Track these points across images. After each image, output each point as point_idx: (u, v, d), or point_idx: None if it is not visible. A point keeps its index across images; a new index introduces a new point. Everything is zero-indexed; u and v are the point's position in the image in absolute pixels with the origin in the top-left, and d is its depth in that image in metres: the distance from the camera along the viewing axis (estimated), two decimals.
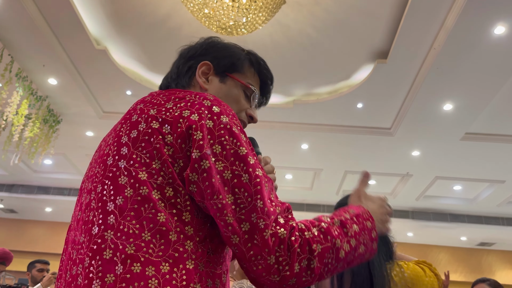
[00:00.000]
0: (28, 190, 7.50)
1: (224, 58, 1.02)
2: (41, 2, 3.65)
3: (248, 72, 1.03)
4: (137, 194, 0.75)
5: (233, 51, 1.04)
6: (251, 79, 1.04)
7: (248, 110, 1.03)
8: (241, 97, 1.01)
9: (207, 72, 1.01)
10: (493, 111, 4.70)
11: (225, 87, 1.00)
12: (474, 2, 3.23)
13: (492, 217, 7.44)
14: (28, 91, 4.55)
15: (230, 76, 1.01)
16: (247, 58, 1.04)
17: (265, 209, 0.75)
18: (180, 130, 0.77)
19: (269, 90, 1.10)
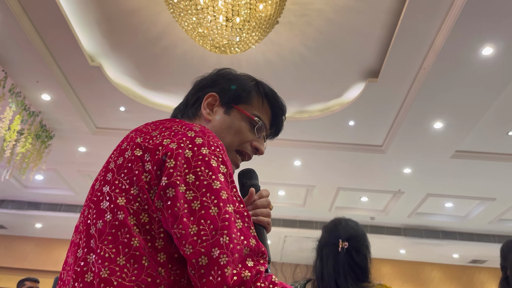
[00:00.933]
0: (18, 206, 7.41)
1: (230, 90, 1.01)
2: (37, 18, 3.68)
3: (256, 103, 1.02)
4: (115, 219, 0.76)
5: (240, 83, 1.03)
6: (259, 110, 1.03)
7: (254, 142, 1.01)
8: (246, 129, 1.00)
9: (213, 103, 1.01)
10: (483, 129, 4.77)
11: (228, 118, 0.99)
12: (463, 24, 3.32)
13: (483, 234, 7.47)
14: (21, 107, 4.55)
15: (236, 108, 1.00)
16: (255, 89, 1.03)
17: (230, 245, 0.70)
18: (157, 157, 0.78)
19: (280, 120, 1.08)
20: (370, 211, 7.09)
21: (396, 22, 3.57)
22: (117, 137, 5.37)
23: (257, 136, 1.02)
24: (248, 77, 1.07)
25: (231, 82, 1.03)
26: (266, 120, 1.04)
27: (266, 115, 1.04)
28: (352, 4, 3.48)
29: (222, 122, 0.98)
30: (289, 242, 7.99)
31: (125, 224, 0.75)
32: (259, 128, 1.01)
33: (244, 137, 0.99)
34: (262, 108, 1.03)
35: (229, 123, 0.99)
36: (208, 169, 0.77)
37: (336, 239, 1.69)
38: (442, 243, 7.54)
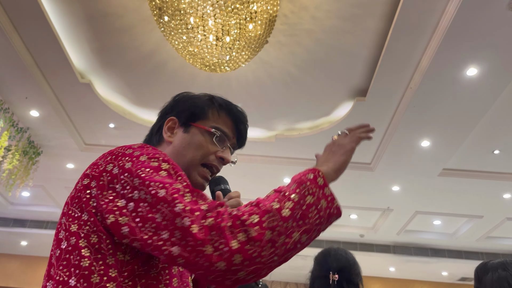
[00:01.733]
0: (4, 223, 7.28)
1: (186, 110, 1.08)
2: (27, 35, 3.69)
3: (212, 116, 1.07)
4: (68, 245, 0.82)
5: (194, 101, 1.09)
6: (217, 122, 1.07)
7: (218, 153, 1.06)
8: (206, 142, 1.04)
9: (173, 126, 1.08)
10: (469, 147, 4.84)
11: (188, 136, 1.04)
12: (447, 45, 3.40)
13: (472, 252, 7.50)
14: (9, 123, 4.52)
15: (193, 125, 1.05)
16: (208, 104, 1.08)
17: (186, 208, 0.76)
18: (102, 183, 0.84)
19: (241, 128, 1.12)
20: (360, 229, 7.09)
21: (383, 43, 3.65)
22: None
23: (220, 146, 1.06)
24: (203, 94, 1.12)
25: (186, 103, 1.09)
26: (227, 130, 1.08)
27: (225, 125, 1.08)
28: (340, 25, 3.55)
29: (182, 141, 1.04)
30: None
31: (77, 247, 0.81)
32: (218, 138, 1.05)
33: (206, 150, 1.04)
34: (220, 119, 1.08)
35: (188, 140, 1.04)
36: (149, 168, 0.83)
37: (327, 271, 1.70)
38: (431, 261, 7.56)
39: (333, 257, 1.76)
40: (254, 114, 4.74)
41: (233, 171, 5.48)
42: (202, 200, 0.82)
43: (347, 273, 1.70)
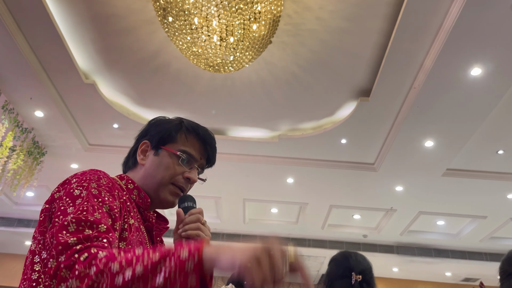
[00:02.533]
0: (8, 223, 7.31)
1: (156, 134, 1.16)
2: (32, 36, 3.71)
3: (180, 140, 1.15)
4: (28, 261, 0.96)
5: (164, 126, 1.17)
6: (185, 145, 1.15)
7: (185, 173, 1.13)
8: (174, 164, 1.13)
9: (146, 149, 1.17)
10: (473, 147, 4.83)
11: (157, 159, 1.14)
12: (451, 45, 3.40)
13: (475, 252, 7.48)
14: (14, 123, 4.54)
15: (163, 148, 1.14)
16: (176, 128, 1.16)
17: (59, 242, 0.84)
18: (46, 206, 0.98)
19: (208, 149, 1.18)
20: (363, 229, 7.09)
21: (387, 43, 3.65)
22: (110, 154, 5.36)
23: (187, 167, 1.14)
24: (174, 119, 1.21)
25: (157, 128, 1.18)
26: (194, 152, 1.16)
27: (193, 147, 1.16)
28: (344, 25, 3.55)
29: (152, 163, 1.14)
30: None
31: (32, 262, 0.94)
32: (184, 161, 1.13)
33: (173, 171, 1.12)
34: (188, 142, 1.15)
35: (158, 162, 1.13)
36: (68, 197, 0.93)
37: (349, 272, 1.74)
38: (435, 261, 7.54)
39: (354, 259, 1.79)
40: (257, 114, 4.75)
41: (237, 171, 5.52)
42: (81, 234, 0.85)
43: (368, 275, 1.75)
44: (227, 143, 5.09)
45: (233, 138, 5.06)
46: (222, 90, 4.41)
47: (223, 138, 5.04)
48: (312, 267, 8.22)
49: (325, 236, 7.36)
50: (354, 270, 1.74)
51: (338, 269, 1.79)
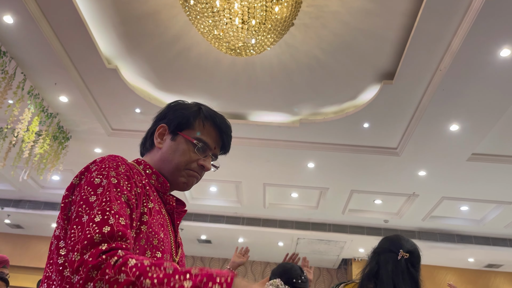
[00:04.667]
0: (35, 206, 7.53)
1: (175, 119, 1.18)
2: (55, 21, 3.75)
3: (197, 127, 1.17)
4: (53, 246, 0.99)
5: (183, 112, 1.18)
6: (201, 132, 1.17)
7: (200, 161, 1.16)
8: (190, 150, 1.15)
9: (164, 133, 1.18)
10: (500, 132, 4.71)
11: (174, 144, 1.16)
12: (480, 26, 3.29)
13: (499, 239, 7.35)
14: (39, 109, 4.63)
15: (180, 134, 1.16)
16: (194, 115, 1.18)
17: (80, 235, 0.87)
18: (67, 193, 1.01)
19: (223, 138, 1.20)
20: (384, 214, 7.04)
21: (412, 24, 3.56)
22: (132, 139, 5.43)
23: (201, 155, 1.16)
24: (193, 104, 1.22)
25: (176, 113, 1.19)
26: (210, 140, 1.17)
27: (209, 135, 1.17)
28: (368, 6, 3.47)
29: (169, 148, 1.16)
30: (301, 244, 7.97)
31: (57, 247, 0.97)
32: (199, 149, 1.15)
33: (189, 157, 1.14)
34: (204, 130, 1.17)
35: (174, 148, 1.15)
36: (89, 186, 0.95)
37: (397, 249, 1.79)
38: (457, 247, 7.45)
39: (405, 240, 1.85)
40: (278, 98, 4.72)
41: (258, 156, 5.52)
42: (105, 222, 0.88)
43: (416, 258, 1.80)
44: (247, 127, 5.09)
45: (254, 122, 5.06)
46: (243, 74, 4.39)
47: (244, 122, 5.03)
48: (332, 251, 8.24)
49: (345, 221, 7.34)
50: (402, 248, 1.79)
51: (388, 244, 1.84)
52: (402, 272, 1.72)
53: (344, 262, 8.87)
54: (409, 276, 1.72)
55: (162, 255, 1.01)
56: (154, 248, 0.99)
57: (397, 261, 1.75)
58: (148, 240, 0.98)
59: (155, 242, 1.00)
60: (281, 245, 8.16)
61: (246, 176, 6.11)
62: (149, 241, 0.98)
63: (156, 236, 1.01)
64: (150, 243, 0.99)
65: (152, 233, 1.00)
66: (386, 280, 1.70)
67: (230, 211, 7.36)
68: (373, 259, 1.82)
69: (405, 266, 1.74)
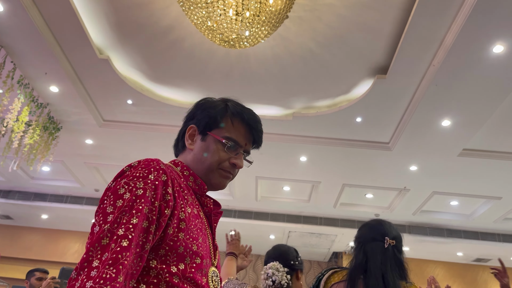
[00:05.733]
0: (25, 197, 7.47)
1: (203, 119, 1.17)
2: (46, 10, 3.69)
3: (226, 125, 1.16)
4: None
5: (210, 111, 1.18)
6: (230, 130, 1.16)
7: (231, 159, 1.15)
8: (220, 150, 1.14)
9: (194, 133, 1.18)
10: (491, 128, 4.74)
11: (204, 144, 1.15)
12: (474, 21, 3.29)
13: (488, 233, 7.44)
14: (29, 98, 4.57)
15: (209, 134, 1.16)
16: (221, 114, 1.17)
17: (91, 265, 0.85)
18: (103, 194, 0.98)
19: (254, 132, 1.19)
20: (375, 208, 7.08)
21: (407, 19, 3.55)
22: (124, 130, 5.38)
23: (232, 153, 1.15)
24: (220, 102, 1.20)
25: (204, 112, 1.18)
26: (240, 137, 1.17)
27: (239, 132, 1.17)
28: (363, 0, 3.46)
29: (199, 149, 1.15)
30: (293, 237, 8.01)
31: None
32: (229, 148, 1.15)
33: (220, 157, 1.14)
34: (233, 127, 1.16)
35: (205, 148, 1.15)
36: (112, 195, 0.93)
37: (382, 236, 1.76)
38: (447, 241, 7.53)
39: (388, 225, 1.82)
40: (271, 91, 4.70)
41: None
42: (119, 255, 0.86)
43: (400, 243, 1.78)
44: None
45: None
46: (236, 67, 4.36)
47: None
48: (323, 245, 8.28)
49: (337, 214, 7.37)
50: (387, 235, 1.76)
51: (371, 232, 1.81)
52: (390, 260, 1.71)
53: (334, 255, 8.93)
54: (396, 261, 1.72)
55: (201, 261, 0.99)
56: (194, 254, 0.98)
57: (384, 249, 1.73)
58: (187, 247, 0.97)
59: (194, 248, 0.98)
60: (273, 238, 8.18)
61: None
62: (188, 247, 0.97)
63: (195, 242, 0.99)
64: (190, 249, 0.97)
65: (190, 239, 0.98)
66: (374, 271, 1.68)
67: (222, 204, 7.31)
68: (359, 250, 1.78)
69: (392, 253, 1.73)
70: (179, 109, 4.93)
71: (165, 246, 0.94)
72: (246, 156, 1.20)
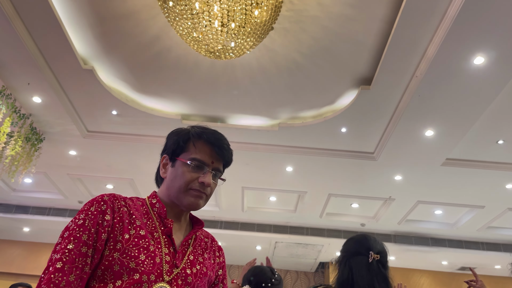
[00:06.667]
0: (6, 209, 7.30)
1: (170, 147, 1.27)
2: (29, 20, 3.65)
3: (191, 148, 1.24)
4: None
5: (176, 138, 1.27)
6: (195, 152, 1.24)
7: (200, 178, 1.22)
8: (187, 171, 1.22)
9: (167, 163, 1.28)
10: (473, 137, 4.82)
11: (174, 170, 1.24)
12: (455, 33, 3.36)
13: (472, 242, 7.53)
14: (11, 109, 4.50)
15: (177, 159, 1.25)
16: (184, 138, 1.26)
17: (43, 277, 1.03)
18: None
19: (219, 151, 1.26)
20: (361, 218, 7.11)
21: (390, 31, 3.61)
22: (108, 141, 5.33)
23: (200, 173, 1.22)
24: (184, 129, 1.30)
25: (171, 141, 1.28)
26: (206, 156, 1.24)
27: (204, 152, 1.24)
28: (347, 12, 3.51)
29: (170, 175, 1.25)
30: (279, 247, 7.98)
31: None
32: (195, 167, 1.22)
33: (188, 178, 1.21)
34: (197, 148, 1.24)
35: (174, 173, 1.23)
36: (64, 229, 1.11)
37: (366, 251, 1.78)
38: (432, 250, 7.59)
39: (372, 240, 1.83)
40: (257, 102, 4.71)
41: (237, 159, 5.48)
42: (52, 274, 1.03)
43: (385, 258, 1.79)
44: (226, 131, 5.06)
45: (233, 126, 5.04)
46: (222, 77, 4.37)
47: (222, 126, 5.01)
48: (310, 255, 8.27)
49: (323, 224, 7.38)
50: (372, 249, 1.77)
51: (356, 246, 1.82)
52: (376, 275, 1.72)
53: (321, 265, 8.92)
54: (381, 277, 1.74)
55: (140, 277, 1.07)
56: (131, 271, 1.07)
57: (369, 264, 1.74)
58: (123, 265, 1.07)
59: (132, 265, 1.07)
60: (259, 249, 8.14)
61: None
62: (124, 265, 1.07)
63: (134, 259, 1.08)
64: (126, 267, 1.07)
65: (127, 257, 1.08)
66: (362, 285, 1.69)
67: (208, 215, 7.31)
68: (344, 265, 1.79)
69: (377, 267, 1.74)
70: (164, 120, 4.91)
71: (101, 266, 1.07)
72: (219, 175, 1.28)
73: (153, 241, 1.14)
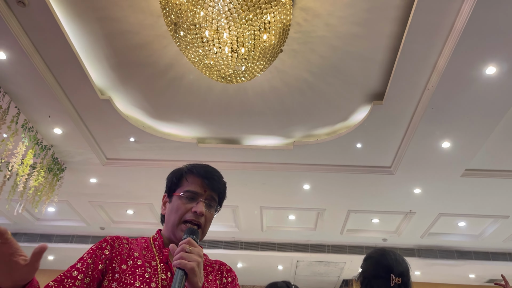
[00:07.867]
0: (31, 239, 7.45)
1: (167, 185, 1.38)
2: (48, 55, 3.80)
3: (184, 182, 1.33)
4: None
5: (171, 177, 1.38)
6: (188, 186, 1.32)
7: (193, 208, 1.29)
8: (181, 204, 1.30)
9: (166, 201, 1.38)
10: (493, 147, 4.76)
11: (170, 205, 1.34)
12: (464, 45, 3.37)
13: (499, 253, 7.33)
14: (34, 141, 4.65)
15: (173, 195, 1.34)
16: (178, 175, 1.36)
17: None
18: None
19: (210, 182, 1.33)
20: (382, 233, 7.02)
21: (398, 46, 3.64)
22: (127, 167, 5.43)
23: (193, 203, 1.30)
24: (180, 168, 1.39)
25: (168, 180, 1.39)
26: (197, 187, 1.31)
27: (196, 184, 1.32)
28: (354, 30, 3.56)
29: (167, 210, 1.34)
30: (301, 267, 7.90)
31: None
32: (188, 198, 1.30)
33: (182, 210, 1.29)
34: (189, 182, 1.32)
35: (170, 208, 1.33)
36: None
37: (387, 273, 1.72)
38: (458, 263, 7.41)
39: (394, 259, 1.77)
40: (270, 122, 4.76)
41: (253, 180, 5.53)
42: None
43: (407, 278, 1.73)
44: (242, 152, 5.11)
45: (248, 147, 5.09)
46: (235, 100, 4.44)
47: (238, 147, 5.06)
48: (332, 273, 8.16)
49: (344, 241, 7.30)
50: (393, 271, 1.71)
51: (376, 267, 1.77)
52: None
53: (345, 283, 8.78)
54: None
55: None
56: None
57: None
58: None
59: None
60: (281, 269, 8.07)
61: (242, 200, 6.10)
62: None
63: (130, 286, 1.16)
64: None
65: (123, 285, 1.16)
66: None
67: (228, 236, 7.31)
68: (365, 286, 1.76)
69: None
70: (180, 144, 4.99)
71: None
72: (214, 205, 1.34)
73: (150, 269, 1.22)
